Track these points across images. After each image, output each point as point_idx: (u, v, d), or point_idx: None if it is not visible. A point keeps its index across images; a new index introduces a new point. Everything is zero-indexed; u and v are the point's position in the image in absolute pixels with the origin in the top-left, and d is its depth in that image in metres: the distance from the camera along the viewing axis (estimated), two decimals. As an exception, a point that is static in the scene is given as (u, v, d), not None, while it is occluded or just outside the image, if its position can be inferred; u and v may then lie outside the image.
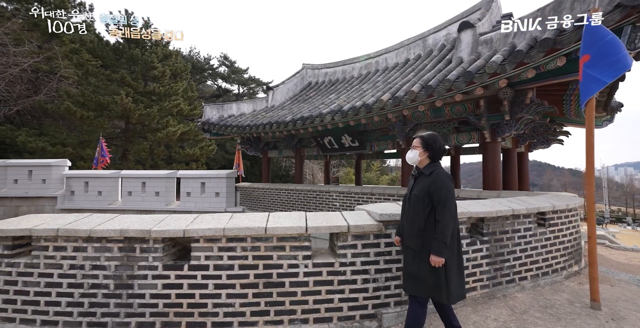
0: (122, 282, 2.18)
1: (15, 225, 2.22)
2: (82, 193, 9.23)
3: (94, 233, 2.16)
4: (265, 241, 2.23)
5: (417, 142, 1.98)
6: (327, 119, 5.92)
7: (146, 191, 9.33)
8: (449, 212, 1.79)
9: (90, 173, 9.49)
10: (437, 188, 1.81)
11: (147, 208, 9.15)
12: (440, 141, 1.96)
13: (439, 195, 1.80)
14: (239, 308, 2.18)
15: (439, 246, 1.77)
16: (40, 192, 8.96)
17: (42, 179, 9.04)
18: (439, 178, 1.84)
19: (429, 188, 1.84)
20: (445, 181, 1.84)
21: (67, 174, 9.30)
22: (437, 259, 1.77)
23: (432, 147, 1.92)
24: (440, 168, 1.92)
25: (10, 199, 8.81)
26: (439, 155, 1.94)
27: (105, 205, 9.24)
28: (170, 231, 2.18)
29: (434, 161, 1.95)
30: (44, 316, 2.16)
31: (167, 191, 9.35)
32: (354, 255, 2.27)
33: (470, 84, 3.71)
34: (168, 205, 9.31)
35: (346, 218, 2.37)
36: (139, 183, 9.36)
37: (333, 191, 6.72)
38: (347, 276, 2.25)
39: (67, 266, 2.19)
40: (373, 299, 2.24)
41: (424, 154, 1.94)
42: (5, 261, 2.21)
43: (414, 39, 7.47)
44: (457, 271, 1.87)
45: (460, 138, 5.16)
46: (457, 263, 1.87)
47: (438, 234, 1.78)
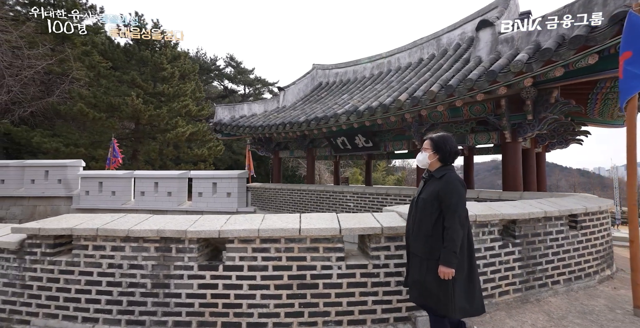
0: (159, 281, 2.21)
1: (57, 225, 2.27)
2: (97, 193, 9.36)
3: (131, 233, 2.19)
4: (299, 242, 2.23)
5: (427, 144, 1.89)
6: (342, 119, 5.92)
7: (159, 191, 9.44)
8: (459, 219, 1.68)
9: (104, 173, 9.64)
10: (448, 193, 1.71)
11: (159, 208, 9.25)
12: (451, 143, 1.84)
13: (448, 201, 1.70)
14: (273, 309, 2.18)
15: (449, 255, 1.65)
16: (57, 192, 9.12)
17: (58, 179, 9.21)
18: (449, 182, 1.74)
19: (439, 192, 1.74)
20: (456, 186, 1.73)
21: (82, 174, 9.45)
22: (447, 270, 1.65)
23: (442, 149, 1.82)
24: (452, 172, 1.81)
25: (28, 198, 8.99)
26: (449, 158, 1.84)
27: (118, 204, 9.37)
28: (206, 232, 2.19)
29: (445, 164, 1.85)
30: (85, 313, 2.20)
31: (179, 191, 9.44)
32: (387, 256, 2.26)
33: (493, 83, 3.67)
34: (180, 205, 9.40)
35: (378, 220, 2.36)
36: (152, 183, 9.47)
37: (347, 191, 6.70)
38: (381, 278, 2.24)
39: (106, 265, 2.23)
40: (407, 302, 2.23)
41: (434, 157, 1.85)
42: (48, 259, 2.26)
43: (428, 38, 7.42)
44: (467, 282, 1.74)
45: (478, 138, 5.11)
46: (467, 273, 1.74)
47: (447, 242, 1.66)
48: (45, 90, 16.99)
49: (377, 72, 8.46)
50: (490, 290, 2.40)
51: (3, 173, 8.93)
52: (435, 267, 1.70)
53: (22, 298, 2.26)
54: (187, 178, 9.61)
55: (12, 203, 8.93)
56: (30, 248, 2.28)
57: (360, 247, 2.52)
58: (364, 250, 2.42)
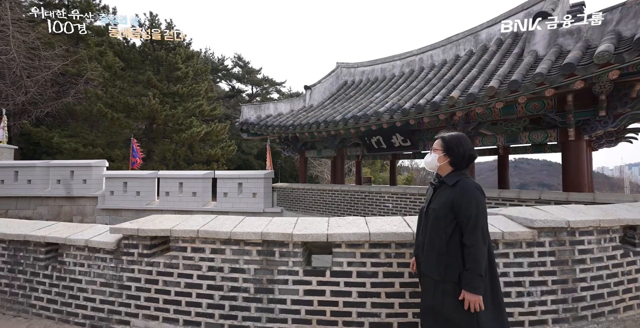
0: (262, 286, 2.08)
1: (155, 225, 2.16)
2: (121, 193, 9.29)
3: (233, 236, 2.07)
4: (410, 247, 2.08)
5: (437, 144, 1.63)
6: (385, 118, 5.77)
7: (183, 191, 9.35)
8: (482, 234, 1.42)
9: (129, 174, 9.57)
10: (465, 204, 1.44)
11: (184, 208, 9.16)
12: (466, 144, 1.57)
13: (468, 212, 1.43)
14: (385, 318, 2.04)
15: (474, 280, 1.38)
16: (82, 192, 9.06)
17: (83, 179, 9.15)
18: (466, 190, 1.46)
19: (453, 202, 1.48)
20: (475, 194, 1.45)
21: (106, 174, 9.39)
22: (473, 297, 1.38)
23: (454, 151, 1.56)
24: (467, 178, 1.54)
25: (54, 198, 8.94)
26: (461, 162, 1.56)
27: (143, 204, 9.29)
28: (313, 236, 2.06)
29: (458, 169, 1.58)
30: (186, 316, 2.10)
31: (204, 192, 9.34)
32: (506, 264, 2.10)
33: (570, 76, 3.50)
34: (205, 205, 9.30)
35: (492, 224, 2.20)
36: (176, 183, 9.38)
37: (385, 192, 6.55)
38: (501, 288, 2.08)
39: (205, 268, 2.11)
40: (529, 315, 2.07)
41: (445, 160, 1.59)
42: (145, 261, 2.15)
43: (464, 34, 7.26)
44: (493, 309, 1.47)
45: (533, 136, 4.94)
46: (491, 297, 1.49)
47: (470, 264, 1.40)
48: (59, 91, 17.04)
49: (407, 70, 8.31)
50: (614, 304, 2.23)
51: (29, 173, 8.88)
52: (453, 291, 1.44)
53: (120, 298, 2.17)
54: (211, 178, 9.51)
55: (38, 203, 8.88)
56: (126, 248, 2.17)
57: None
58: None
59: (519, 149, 7.64)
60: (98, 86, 16.16)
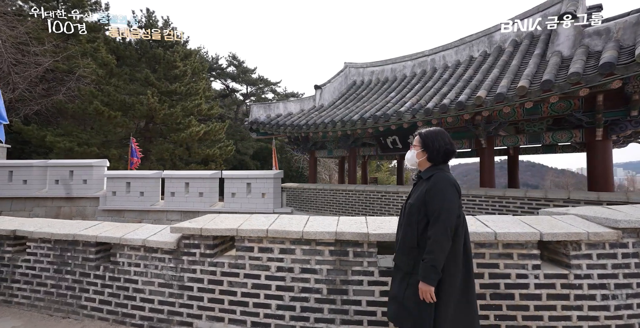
0: (336, 287, 1.97)
1: (217, 225, 2.02)
2: (124, 194, 8.95)
3: (306, 235, 1.95)
4: (489, 247, 2.01)
5: (415, 140, 1.66)
6: (407, 117, 5.73)
7: (189, 191, 9.08)
8: (444, 227, 1.41)
9: (132, 174, 9.23)
10: (431, 196, 1.47)
11: (190, 209, 8.89)
12: (442, 139, 1.58)
13: (432, 206, 1.46)
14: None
15: (427, 270, 1.41)
16: (82, 192, 8.67)
17: (84, 179, 8.76)
18: (436, 184, 1.49)
19: (425, 195, 1.50)
20: (443, 188, 1.47)
21: (108, 174, 9.02)
22: (425, 287, 1.41)
23: (429, 147, 1.58)
24: (442, 172, 1.55)
25: (52, 199, 8.51)
26: (437, 157, 1.58)
27: (147, 205, 8.97)
28: (390, 235, 1.96)
29: (435, 164, 1.60)
30: (254, 318, 1.98)
31: (211, 192, 9.11)
32: (589, 266, 2.04)
33: (608, 76, 3.53)
34: (212, 205, 9.06)
35: (570, 224, 2.15)
36: (182, 183, 9.11)
37: (402, 191, 6.51)
38: (584, 290, 2.00)
39: (274, 268, 1.99)
40: (615, 319, 2.00)
41: (423, 155, 1.61)
42: (208, 261, 2.01)
43: (477, 35, 7.33)
44: (463, 303, 1.47)
45: (557, 136, 4.99)
46: (461, 292, 1.48)
47: (426, 254, 1.43)
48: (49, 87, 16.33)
49: (419, 70, 8.33)
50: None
51: (26, 173, 8.43)
52: (417, 283, 1.47)
53: (181, 299, 2.04)
54: (218, 178, 9.27)
55: (35, 204, 8.43)
56: (187, 248, 2.02)
57: (546, 255, 2.29)
58: (553, 258, 2.20)
59: (530, 149, 7.75)
60: (91, 84, 15.58)
